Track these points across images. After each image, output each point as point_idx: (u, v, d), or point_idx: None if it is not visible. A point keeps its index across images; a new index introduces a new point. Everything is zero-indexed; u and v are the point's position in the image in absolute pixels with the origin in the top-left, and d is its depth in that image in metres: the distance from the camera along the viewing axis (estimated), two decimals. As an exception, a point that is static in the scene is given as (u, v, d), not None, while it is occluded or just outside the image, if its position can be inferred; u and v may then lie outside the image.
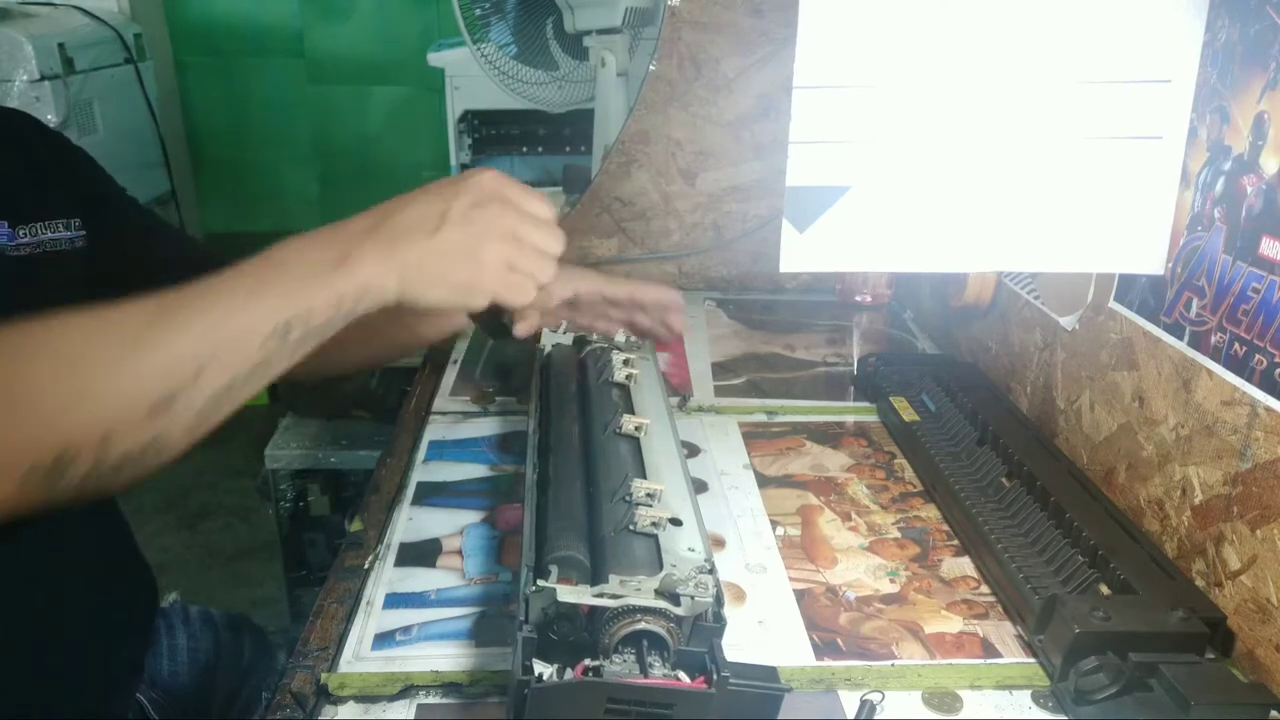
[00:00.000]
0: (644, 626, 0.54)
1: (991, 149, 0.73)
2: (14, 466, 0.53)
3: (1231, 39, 0.68)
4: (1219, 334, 0.69)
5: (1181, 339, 0.74)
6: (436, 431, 0.99)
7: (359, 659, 0.65)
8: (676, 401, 1.04)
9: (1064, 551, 0.72)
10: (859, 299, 1.38)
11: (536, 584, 0.55)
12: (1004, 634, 0.70)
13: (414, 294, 0.62)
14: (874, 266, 0.79)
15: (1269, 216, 0.65)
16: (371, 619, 0.69)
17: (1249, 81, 0.66)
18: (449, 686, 0.63)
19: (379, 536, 0.80)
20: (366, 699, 0.62)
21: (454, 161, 2.14)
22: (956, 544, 0.81)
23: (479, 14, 1.68)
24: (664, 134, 1.35)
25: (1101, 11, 0.70)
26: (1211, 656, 0.63)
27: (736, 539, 0.81)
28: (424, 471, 0.91)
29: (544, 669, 0.53)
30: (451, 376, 1.12)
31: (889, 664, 0.66)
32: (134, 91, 2.63)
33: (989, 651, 0.68)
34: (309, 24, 3.17)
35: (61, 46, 2.26)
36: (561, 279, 1.01)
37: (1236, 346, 0.67)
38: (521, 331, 0.85)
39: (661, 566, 0.58)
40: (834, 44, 0.71)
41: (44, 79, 2.18)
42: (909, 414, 0.97)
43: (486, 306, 0.65)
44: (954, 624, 0.71)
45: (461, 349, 1.19)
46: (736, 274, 1.44)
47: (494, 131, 2.14)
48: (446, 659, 0.65)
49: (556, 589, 0.54)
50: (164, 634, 0.97)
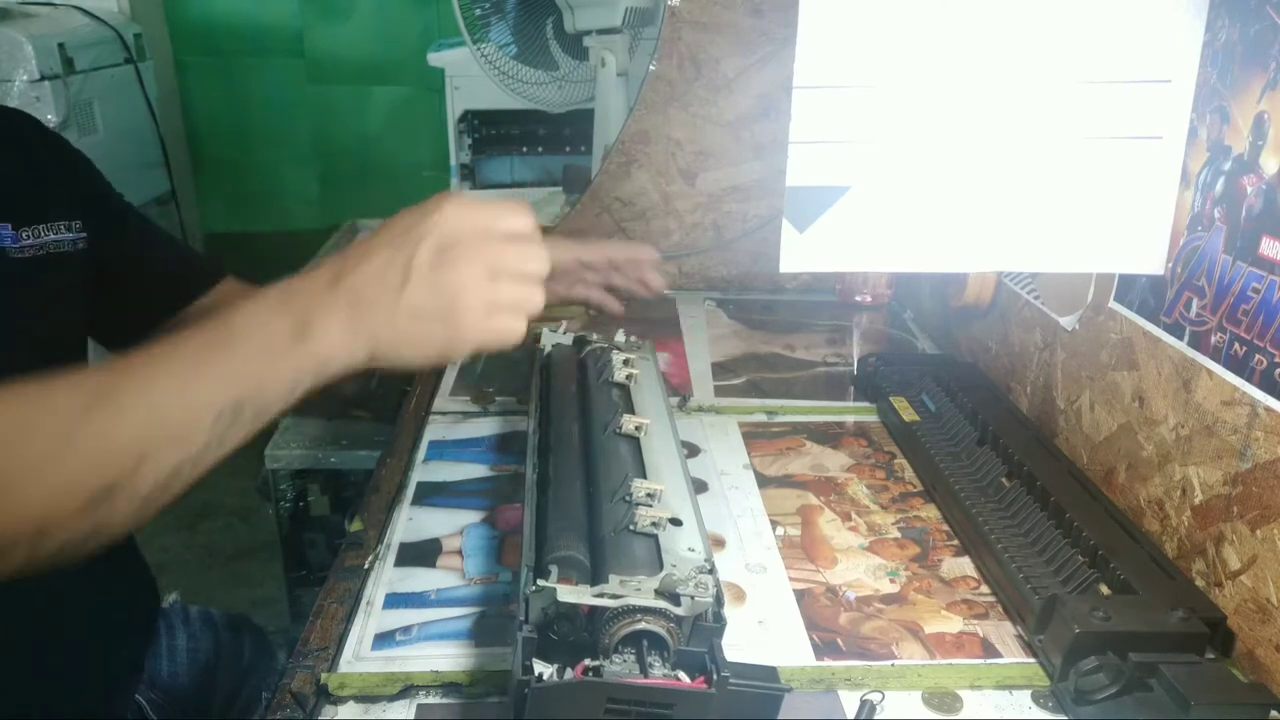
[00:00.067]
0: (644, 626, 0.54)
1: (991, 149, 0.73)
2: None
3: (1231, 39, 0.68)
4: (1219, 334, 0.69)
5: (1181, 339, 0.74)
6: (436, 431, 0.99)
7: (359, 659, 0.65)
8: (676, 401, 1.04)
9: (1064, 551, 0.72)
10: (859, 299, 1.38)
11: (536, 584, 0.55)
12: (1004, 634, 0.70)
13: (386, 359, 0.56)
14: (874, 266, 0.79)
15: (1269, 216, 0.65)
16: (371, 619, 0.69)
17: (1249, 81, 0.66)
18: (449, 686, 0.63)
19: (379, 536, 0.80)
20: (366, 699, 0.62)
21: (454, 161, 2.15)
22: (956, 544, 0.81)
23: (479, 14, 1.69)
24: (664, 134, 1.35)
25: (1101, 11, 0.70)
26: (1211, 656, 0.63)
27: (736, 539, 0.81)
28: (424, 471, 0.91)
29: (544, 669, 0.53)
30: (451, 376, 1.12)
31: (889, 664, 0.66)
32: (134, 91, 2.63)
33: (989, 651, 0.68)
34: (309, 24, 3.18)
35: (61, 46, 2.27)
36: None
37: (1236, 346, 0.67)
38: None
39: (661, 566, 0.58)
40: (834, 44, 0.71)
41: (44, 79, 2.18)
42: (909, 414, 0.97)
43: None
44: (954, 624, 0.71)
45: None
46: (736, 274, 1.44)
47: (494, 131, 2.14)
48: (446, 659, 0.65)
49: (556, 589, 0.54)
50: (164, 634, 0.97)
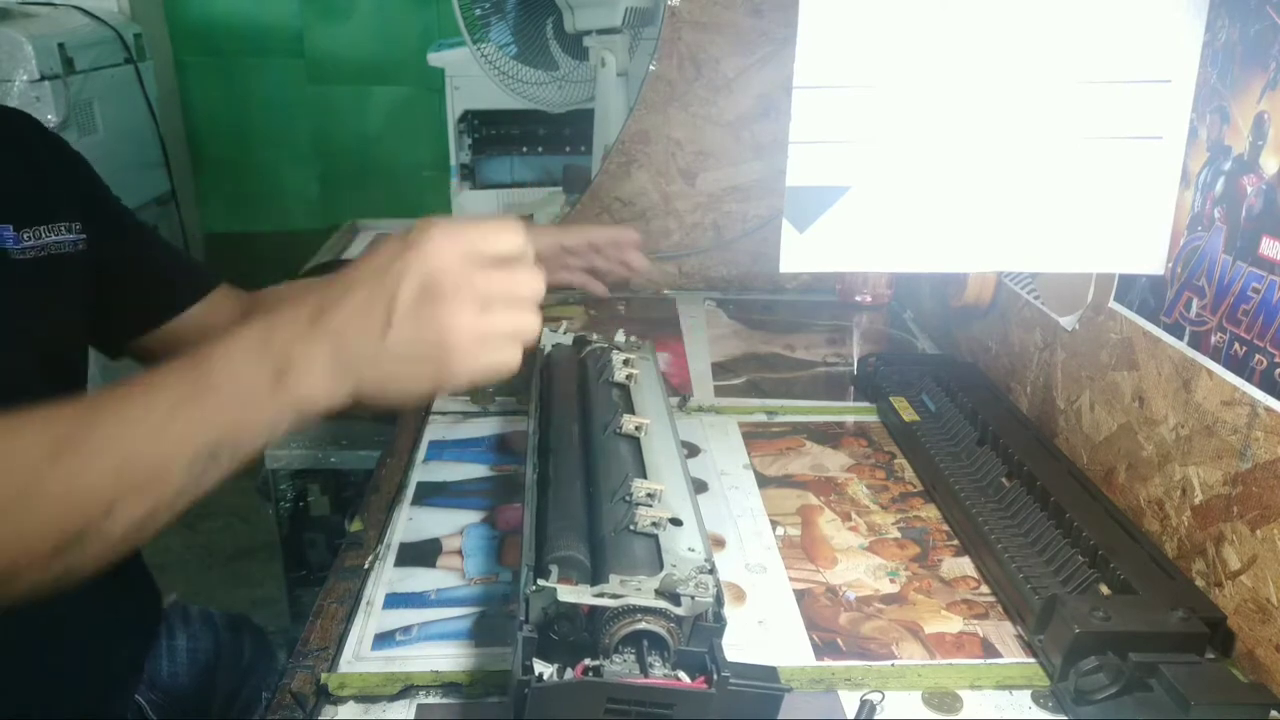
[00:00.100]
0: (644, 626, 0.54)
1: (991, 149, 0.73)
2: None
3: (1231, 39, 0.68)
4: (1219, 334, 0.69)
5: (1181, 339, 0.74)
6: (436, 431, 0.99)
7: (359, 659, 0.65)
8: (676, 401, 1.04)
9: (1064, 551, 0.72)
10: (859, 299, 1.38)
11: (537, 584, 0.55)
12: (1004, 634, 0.70)
13: (372, 397, 0.54)
14: (874, 266, 0.79)
15: (1269, 216, 0.65)
16: (371, 619, 0.69)
17: (1249, 81, 0.66)
18: (449, 686, 0.63)
19: (379, 536, 0.80)
20: (366, 699, 0.62)
21: (454, 161, 2.14)
22: (956, 544, 0.81)
23: (479, 14, 1.68)
24: (664, 134, 1.35)
25: (1101, 11, 0.70)
26: (1211, 656, 0.63)
27: (736, 539, 0.81)
28: (424, 471, 0.91)
29: (544, 669, 0.53)
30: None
31: (889, 664, 0.66)
32: (134, 91, 2.63)
33: (989, 651, 0.68)
34: (309, 24, 3.17)
35: (61, 46, 2.26)
36: None
37: (1236, 346, 0.67)
38: None
39: (661, 566, 0.58)
40: (834, 44, 0.71)
41: (44, 79, 2.18)
42: (909, 414, 0.97)
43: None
44: (954, 624, 0.71)
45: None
46: (736, 274, 1.44)
47: (494, 131, 2.13)
48: (446, 659, 0.65)
49: (557, 589, 0.54)
50: (164, 634, 0.97)
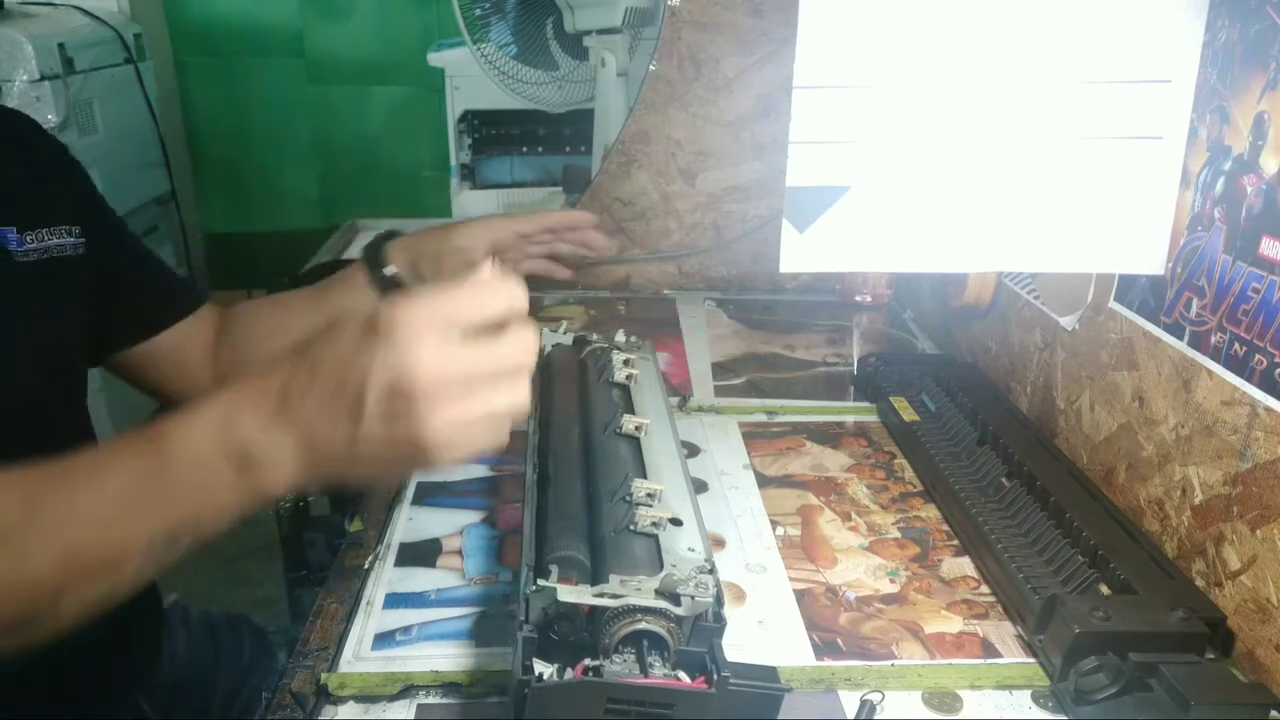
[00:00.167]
0: (644, 626, 0.54)
1: (991, 149, 0.73)
2: None
3: (1231, 39, 0.68)
4: (1219, 334, 0.69)
5: (1181, 339, 0.74)
6: (436, 431, 0.98)
7: (359, 659, 0.65)
8: (676, 401, 1.04)
9: (1064, 551, 0.72)
10: (859, 299, 1.38)
11: (536, 584, 0.54)
12: (1004, 634, 0.70)
13: (343, 483, 0.51)
14: (874, 266, 0.79)
15: (1269, 216, 0.65)
16: (371, 619, 0.69)
17: (1249, 81, 0.66)
18: (449, 686, 0.63)
19: (379, 536, 0.80)
20: (366, 699, 0.62)
21: (454, 161, 2.14)
22: (956, 544, 0.81)
23: (479, 14, 1.68)
24: (664, 134, 1.35)
25: (1101, 11, 0.70)
26: (1211, 656, 0.63)
27: (736, 539, 0.81)
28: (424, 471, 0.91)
29: (544, 669, 0.53)
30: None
31: (889, 664, 0.66)
32: (134, 91, 2.63)
33: (989, 651, 0.68)
34: (309, 24, 3.17)
35: (61, 46, 2.26)
36: (474, 234, 1.00)
37: (1236, 346, 0.67)
38: None
39: (661, 566, 0.58)
40: (834, 44, 0.71)
41: (44, 79, 2.18)
42: (909, 414, 0.97)
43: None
44: (954, 624, 0.71)
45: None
46: (736, 274, 1.44)
47: (494, 131, 2.14)
48: (446, 659, 0.65)
49: (557, 589, 0.54)
50: (164, 635, 0.97)
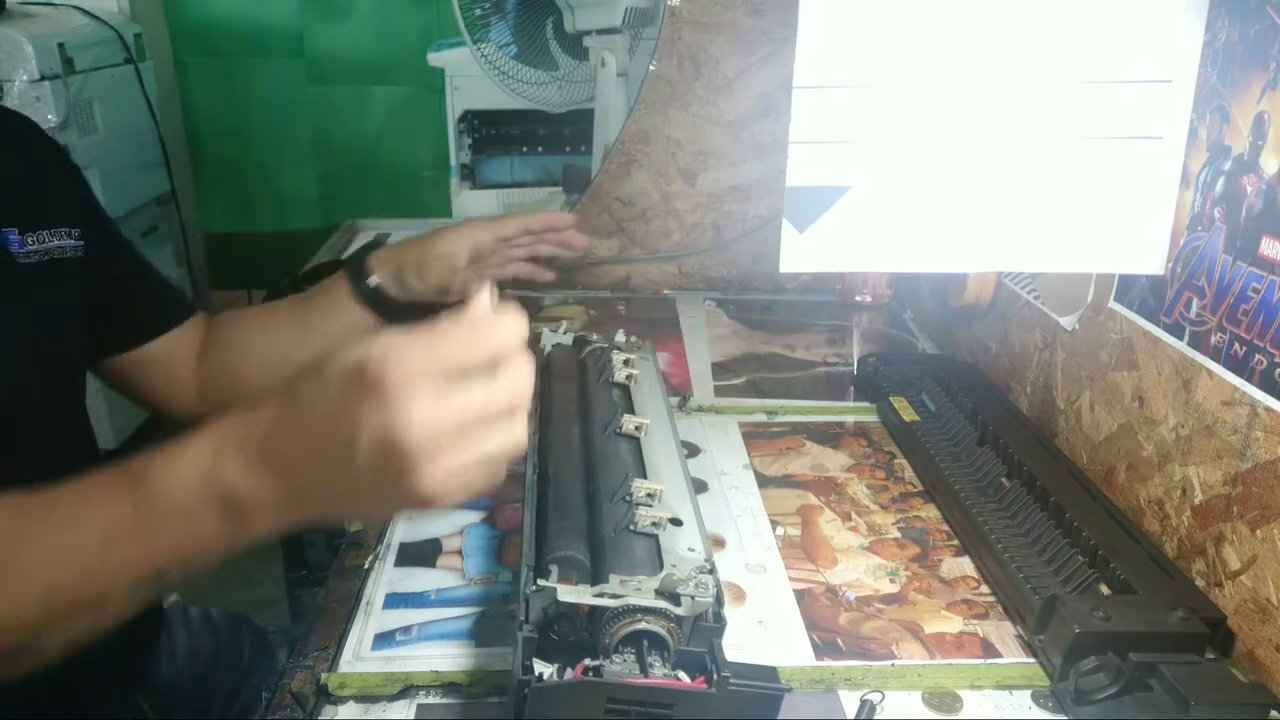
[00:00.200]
0: (644, 626, 0.54)
1: (991, 149, 0.73)
2: None
3: (1231, 39, 0.68)
4: (1219, 334, 0.69)
5: (1181, 339, 0.74)
6: (437, 431, 0.98)
7: (359, 659, 0.65)
8: (676, 401, 1.04)
9: (1064, 551, 0.72)
10: (859, 299, 1.38)
11: (537, 584, 0.55)
12: (1004, 634, 0.70)
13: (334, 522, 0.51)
14: (874, 266, 0.79)
15: (1269, 216, 0.65)
16: (371, 619, 0.69)
17: (1249, 81, 0.66)
18: (449, 686, 0.63)
19: (379, 536, 0.80)
20: (366, 699, 0.62)
21: (454, 161, 2.14)
22: (956, 544, 0.81)
23: (479, 14, 1.68)
24: (664, 134, 1.35)
25: (1101, 11, 0.70)
26: (1211, 656, 0.63)
27: (736, 539, 0.81)
28: (424, 471, 0.90)
29: (544, 669, 0.53)
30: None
31: (889, 664, 0.66)
32: (134, 91, 2.63)
33: (989, 651, 0.68)
34: (309, 24, 3.17)
35: (61, 46, 2.26)
36: (455, 240, 1.00)
37: (1236, 346, 0.67)
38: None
39: (661, 566, 0.58)
40: (834, 44, 0.71)
41: (44, 79, 2.18)
42: (909, 414, 0.97)
43: None
44: (954, 624, 0.71)
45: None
46: (736, 274, 1.44)
47: (494, 131, 2.14)
48: (446, 659, 0.65)
49: (557, 589, 0.54)
50: (164, 635, 0.97)
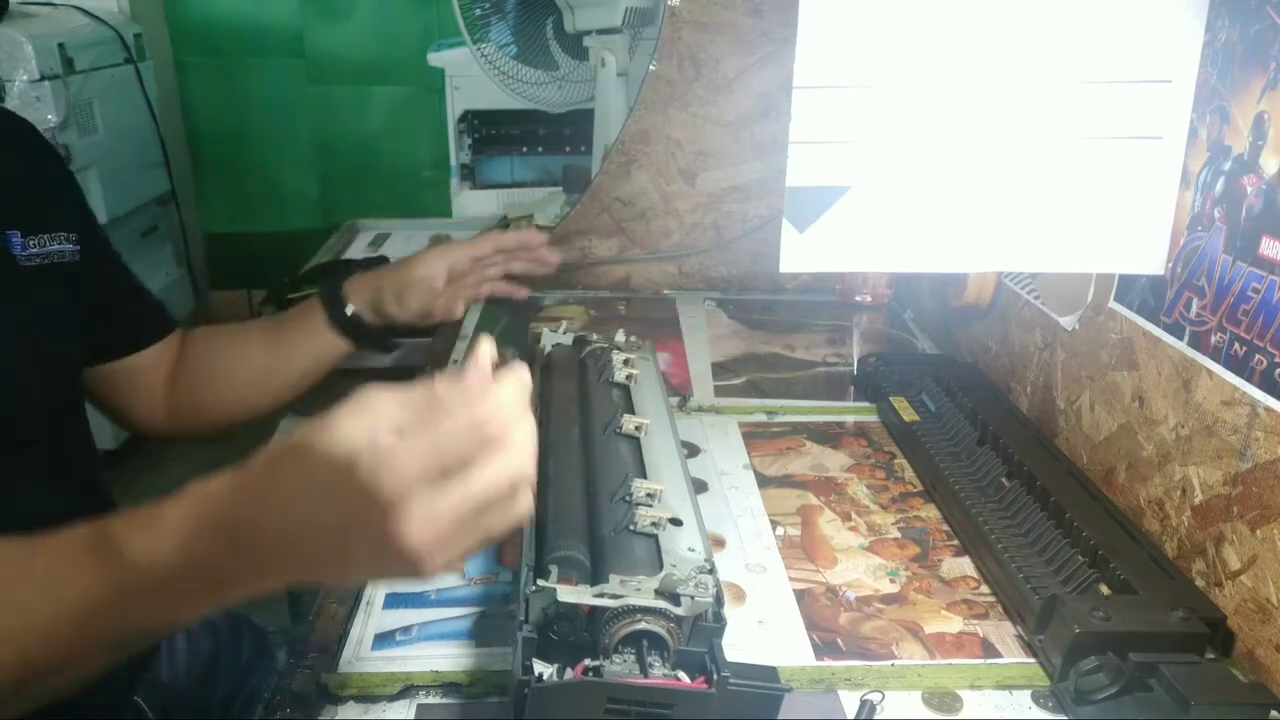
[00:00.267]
0: (644, 626, 0.54)
1: (991, 149, 0.73)
2: None
3: (1231, 39, 0.68)
4: (1219, 334, 0.69)
5: (1181, 339, 0.74)
6: (437, 431, 0.98)
7: (359, 659, 0.65)
8: (676, 401, 1.04)
9: (1064, 551, 0.72)
10: (859, 299, 1.38)
11: (536, 584, 0.55)
12: (1004, 634, 0.70)
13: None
14: (874, 266, 0.79)
15: (1269, 216, 0.65)
16: (371, 619, 0.69)
17: (1249, 81, 0.66)
18: (449, 686, 0.63)
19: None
20: (366, 699, 0.62)
21: (454, 161, 2.15)
22: (956, 544, 0.81)
23: (479, 14, 1.69)
24: (664, 134, 1.35)
25: (1101, 11, 0.70)
26: (1211, 656, 0.63)
27: (736, 539, 0.81)
28: (424, 471, 0.90)
29: (544, 669, 0.53)
30: (451, 376, 1.11)
31: (889, 664, 0.66)
32: (134, 91, 2.63)
33: (989, 651, 0.68)
34: (309, 24, 3.17)
35: (61, 46, 2.27)
36: (431, 263, 1.04)
37: (1236, 346, 0.67)
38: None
39: (661, 566, 0.58)
40: (834, 44, 0.71)
41: (44, 79, 2.18)
42: (909, 414, 0.97)
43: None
44: (954, 624, 0.71)
45: (461, 349, 1.19)
46: (736, 274, 1.44)
47: (494, 131, 2.14)
48: (446, 659, 0.65)
49: (556, 589, 0.54)
50: (163, 634, 0.97)
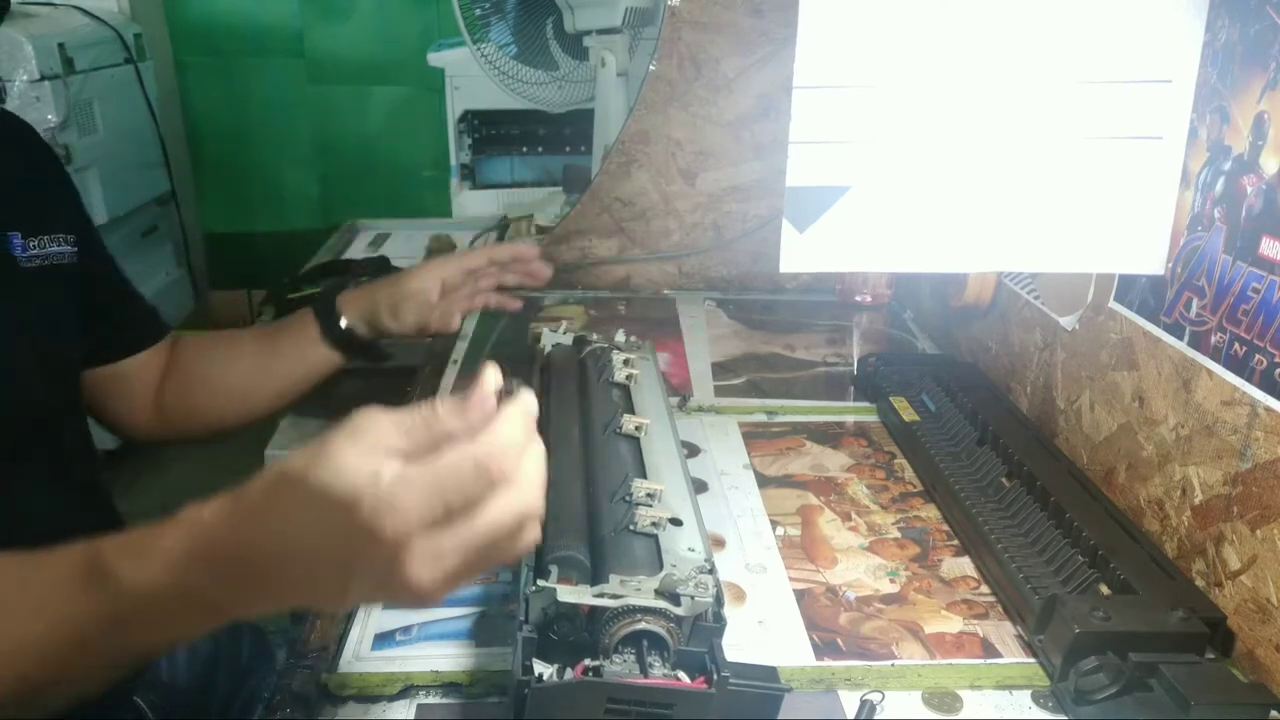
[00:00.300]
0: (644, 626, 0.54)
1: (991, 149, 0.73)
2: None
3: (1231, 39, 0.68)
4: (1219, 334, 0.69)
5: (1181, 339, 0.74)
6: (437, 431, 0.98)
7: (359, 659, 0.65)
8: (676, 401, 1.04)
9: (1064, 551, 0.72)
10: (859, 299, 1.38)
11: (536, 584, 0.55)
12: (1004, 634, 0.70)
13: None
14: (874, 266, 0.79)
15: (1269, 216, 0.65)
16: (371, 619, 0.69)
17: (1249, 81, 0.66)
18: (449, 686, 0.63)
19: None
20: (366, 699, 0.62)
21: (454, 161, 2.15)
22: (956, 544, 0.81)
23: (479, 14, 1.69)
24: (664, 134, 1.35)
25: (1101, 11, 0.70)
26: (1211, 656, 0.63)
27: (736, 539, 0.81)
28: (424, 471, 0.90)
29: (544, 669, 0.53)
30: (452, 376, 1.11)
31: (889, 664, 0.66)
32: (134, 91, 2.63)
33: (989, 651, 0.68)
34: (309, 24, 3.17)
35: (61, 46, 2.27)
36: (425, 277, 1.04)
37: (1236, 346, 0.67)
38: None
39: (661, 566, 0.58)
40: (834, 44, 0.71)
41: (44, 79, 2.18)
42: (909, 414, 0.97)
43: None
44: (954, 624, 0.71)
45: (461, 349, 1.19)
46: (736, 274, 1.44)
47: (494, 131, 2.14)
48: (446, 659, 0.65)
49: (556, 589, 0.54)
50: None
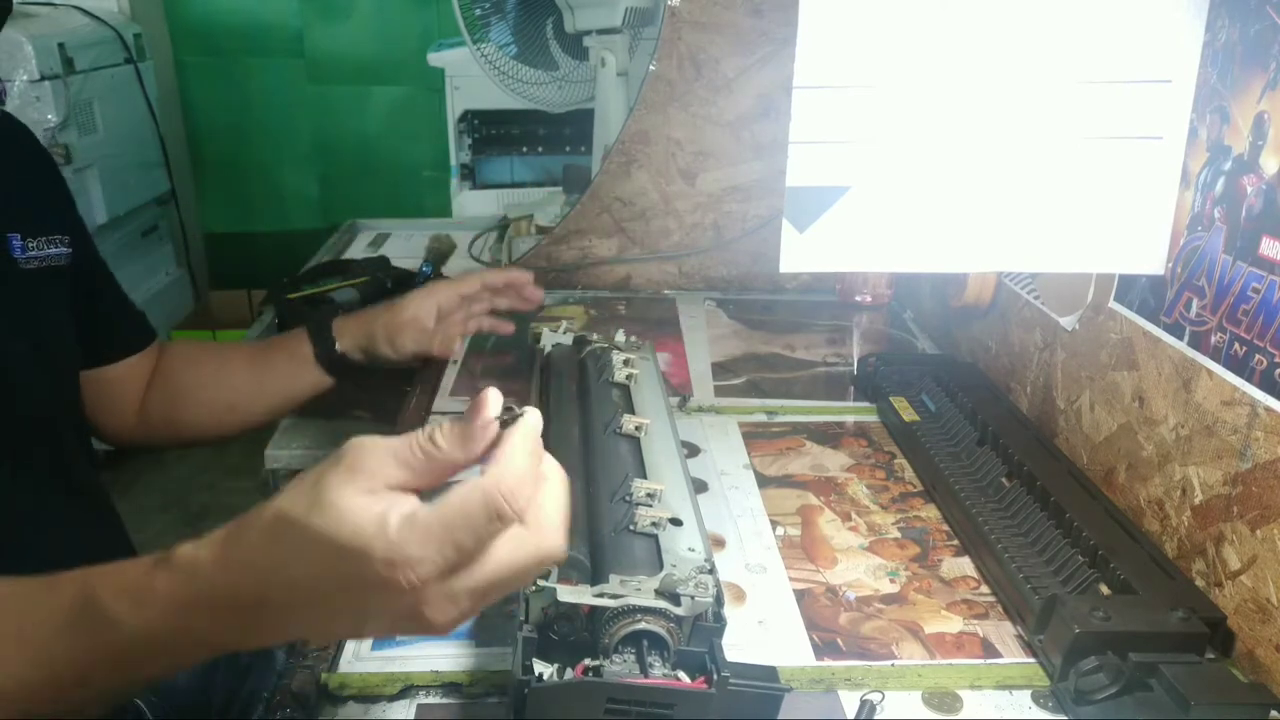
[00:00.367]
0: (644, 626, 0.54)
1: (992, 149, 0.73)
2: None
3: (1231, 39, 0.68)
4: (1219, 334, 0.69)
5: (1181, 339, 0.74)
6: (437, 431, 0.99)
7: (359, 659, 0.65)
8: (676, 401, 1.04)
9: (1064, 551, 0.72)
10: (859, 299, 1.38)
11: (536, 584, 0.55)
12: (1004, 634, 0.70)
13: None
14: (874, 266, 0.79)
15: (1269, 216, 0.65)
16: (371, 619, 0.69)
17: (1249, 81, 0.66)
18: (449, 686, 0.63)
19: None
20: (366, 699, 0.62)
21: (454, 161, 2.15)
22: (956, 544, 0.81)
23: (479, 14, 1.69)
24: (664, 134, 1.35)
25: (1101, 11, 0.70)
26: (1211, 656, 0.63)
27: (736, 539, 0.81)
28: (424, 471, 0.90)
29: (544, 669, 0.53)
30: (451, 377, 1.12)
31: (889, 664, 0.66)
32: (134, 91, 2.63)
33: (989, 651, 0.68)
34: (309, 24, 3.17)
35: (61, 46, 2.27)
36: (420, 303, 1.06)
37: (1236, 346, 0.67)
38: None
39: (661, 566, 0.58)
40: (834, 44, 0.71)
41: (44, 79, 2.18)
42: (909, 414, 0.97)
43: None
44: (954, 624, 0.71)
45: (461, 350, 1.19)
46: (736, 274, 1.44)
47: (494, 131, 2.14)
48: (446, 659, 0.65)
49: (556, 589, 0.54)
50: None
